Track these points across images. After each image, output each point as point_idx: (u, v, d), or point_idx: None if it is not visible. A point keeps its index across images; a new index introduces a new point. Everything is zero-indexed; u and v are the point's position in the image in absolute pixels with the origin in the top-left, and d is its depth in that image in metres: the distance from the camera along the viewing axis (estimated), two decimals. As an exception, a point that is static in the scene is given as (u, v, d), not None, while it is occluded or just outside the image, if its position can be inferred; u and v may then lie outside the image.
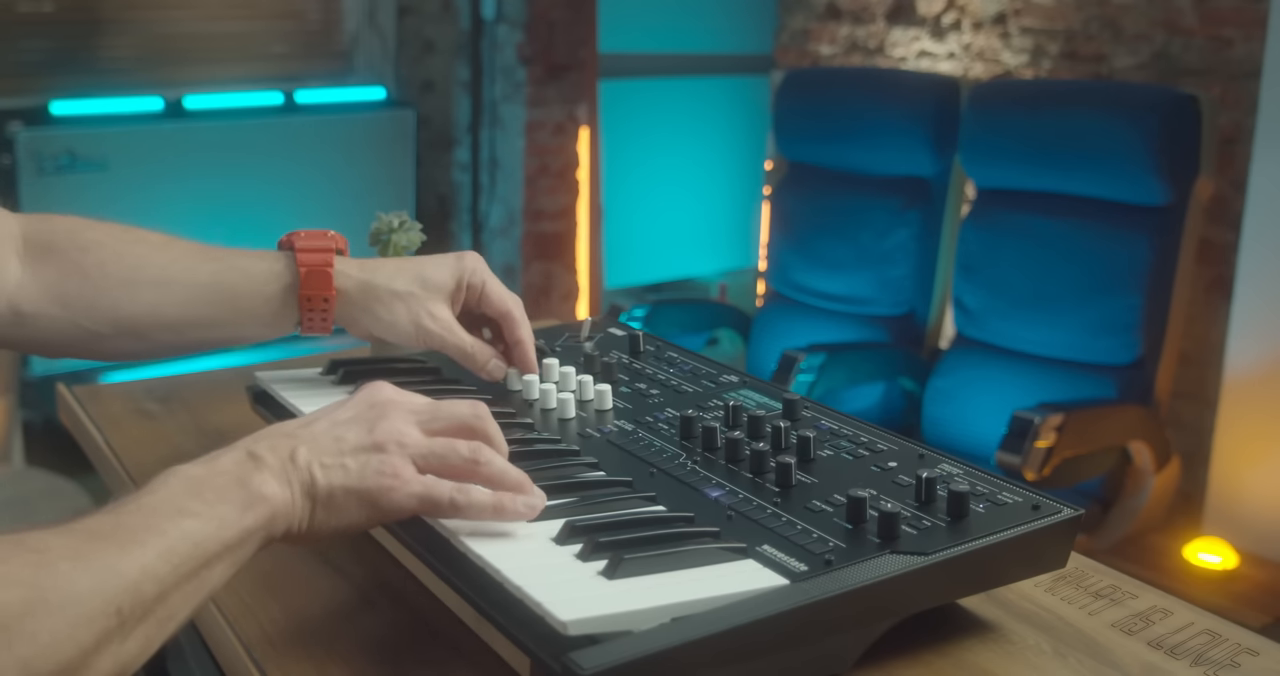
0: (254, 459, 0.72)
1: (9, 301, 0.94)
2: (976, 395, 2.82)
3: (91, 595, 0.60)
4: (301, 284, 0.99)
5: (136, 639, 0.63)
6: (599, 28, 3.75)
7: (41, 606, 0.59)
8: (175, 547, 0.65)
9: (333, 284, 0.99)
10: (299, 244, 1.00)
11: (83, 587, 0.60)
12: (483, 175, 4.32)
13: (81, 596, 0.60)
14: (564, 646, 0.65)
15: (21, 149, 3.42)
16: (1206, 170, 2.63)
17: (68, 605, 0.59)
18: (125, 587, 0.62)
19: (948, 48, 3.54)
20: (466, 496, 0.76)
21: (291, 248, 1.01)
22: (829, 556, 0.73)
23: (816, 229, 3.20)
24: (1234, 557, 2.86)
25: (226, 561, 0.69)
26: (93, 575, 0.61)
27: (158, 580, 0.64)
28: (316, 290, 0.99)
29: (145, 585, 0.63)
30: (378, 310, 1.02)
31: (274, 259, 1.01)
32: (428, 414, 0.79)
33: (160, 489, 0.68)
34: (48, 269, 0.95)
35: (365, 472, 0.74)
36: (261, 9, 4.07)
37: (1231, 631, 0.83)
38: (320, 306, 1.00)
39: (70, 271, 0.96)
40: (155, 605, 0.64)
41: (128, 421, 1.19)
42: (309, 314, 1.00)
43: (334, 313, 1.00)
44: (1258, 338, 2.83)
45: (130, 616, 0.62)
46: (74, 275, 0.96)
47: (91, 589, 0.61)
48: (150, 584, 0.63)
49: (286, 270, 1.00)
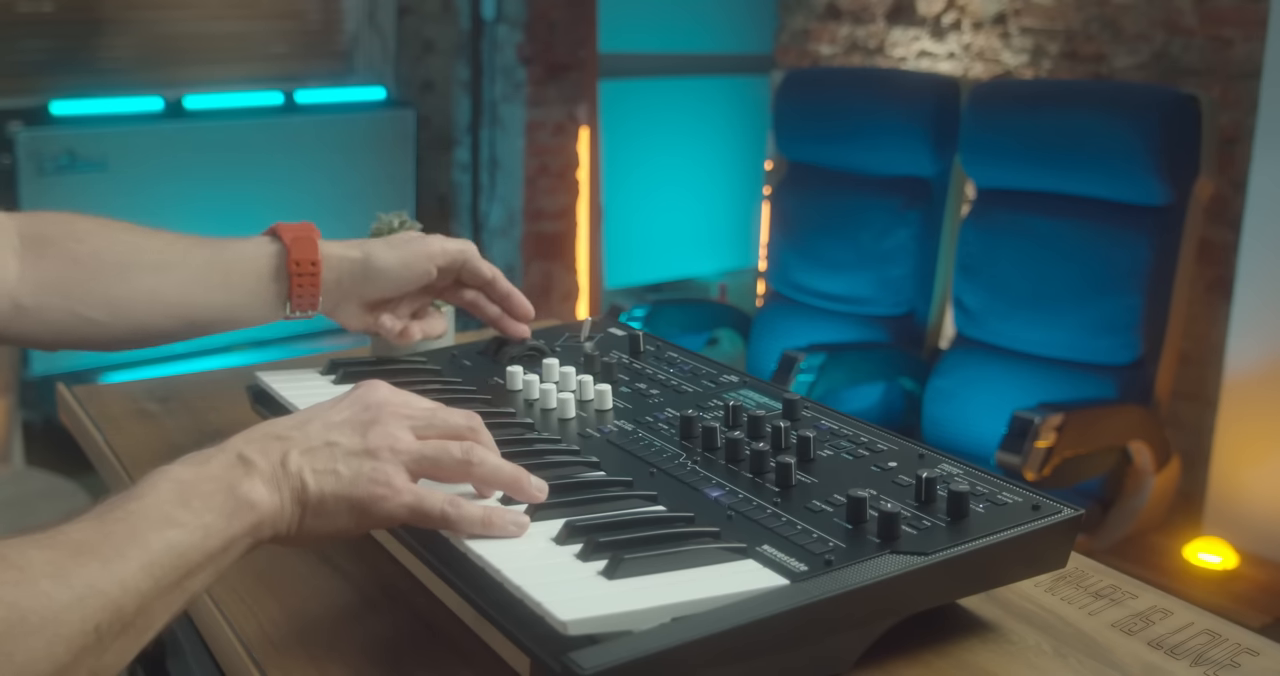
0: (244, 463, 0.71)
1: (9, 296, 0.95)
2: (976, 395, 2.82)
3: (70, 613, 0.60)
4: (289, 250, 1.02)
5: (114, 651, 0.63)
6: (599, 28, 3.75)
7: (20, 627, 0.58)
8: (158, 560, 0.65)
9: (319, 250, 1.02)
10: (282, 226, 1.05)
11: (62, 606, 0.60)
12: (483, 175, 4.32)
13: (60, 616, 0.60)
14: (564, 646, 0.65)
15: (21, 149, 3.42)
16: (1206, 170, 2.63)
17: (46, 625, 0.59)
18: (105, 604, 0.62)
19: (948, 48, 3.54)
20: (457, 509, 0.75)
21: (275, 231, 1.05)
22: (829, 556, 0.73)
23: (816, 229, 3.20)
24: (1234, 557, 2.86)
25: (209, 569, 0.68)
26: (73, 592, 0.60)
27: (139, 594, 0.63)
28: (304, 255, 1.02)
29: (126, 600, 0.63)
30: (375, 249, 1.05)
31: (260, 239, 1.05)
32: (423, 420, 0.79)
33: (148, 494, 0.68)
34: (44, 261, 0.97)
35: (357, 480, 0.74)
36: (261, 9, 4.07)
37: (1231, 631, 0.83)
38: (309, 271, 1.02)
39: (67, 261, 0.97)
40: (135, 617, 0.64)
41: (128, 421, 1.19)
42: (298, 281, 1.02)
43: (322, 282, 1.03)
44: (1258, 338, 2.83)
45: (109, 632, 0.62)
46: (70, 265, 0.97)
47: (70, 606, 0.60)
48: (131, 598, 0.63)
49: (273, 243, 1.03)
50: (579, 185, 4.31)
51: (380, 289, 1.06)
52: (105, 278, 0.98)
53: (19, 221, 0.98)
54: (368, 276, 1.05)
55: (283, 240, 1.03)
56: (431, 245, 1.06)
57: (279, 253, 1.02)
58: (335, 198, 3.90)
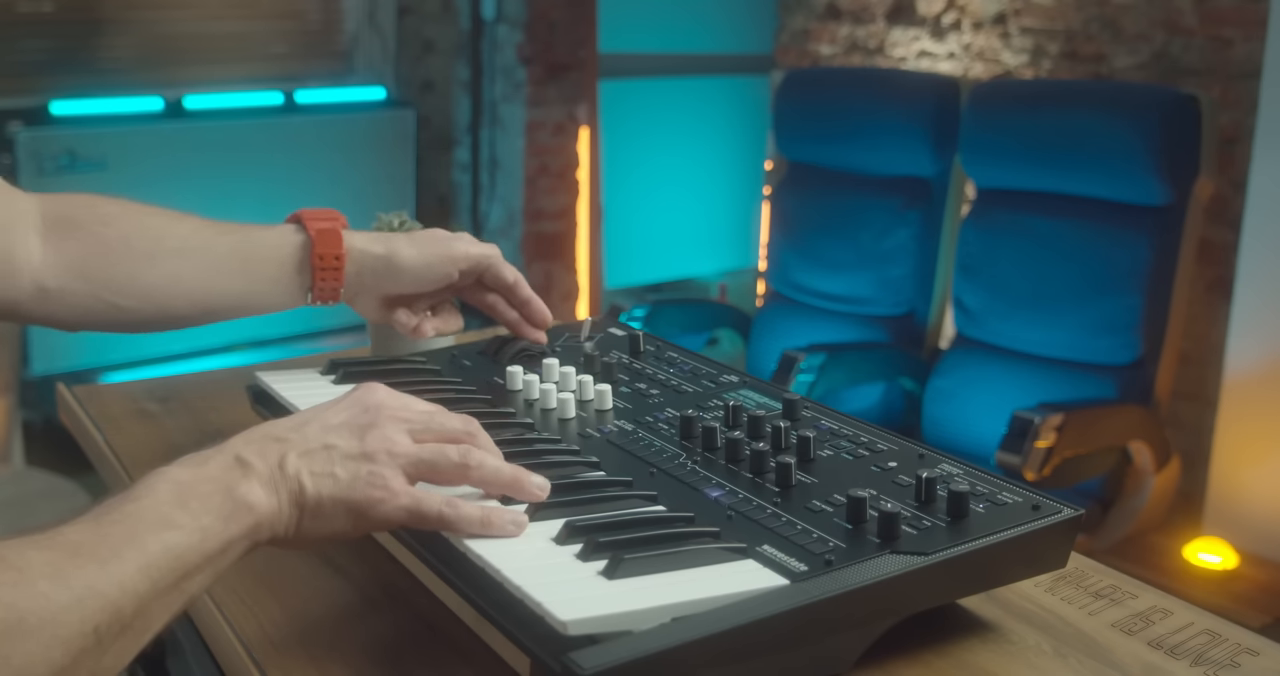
0: (242, 465, 0.71)
1: (33, 278, 0.96)
2: (976, 395, 2.82)
3: (69, 615, 0.60)
4: (314, 243, 1.02)
5: (113, 653, 0.63)
6: (599, 28, 3.75)
7: (18, 628, 0.58)
8: (156, 562, 0.65)
9: (343, 243, 1.03)
10: (306, 214, 1.05)
11: (60, 608, 0.60)
12: (483, 175, 4.32)
13: (59, 617, 0.60)
14: (564, 646, 0.65)
15: (21, 149, 3.43)
16: (1206, 170, 2.63)
17: (45, 627, 0.59)
18: (104, 606, 0.62)
19: (948, 48, 3.54)
20: (455, 510, 0.75)
21: (299, 220, 1.05)
22: (829, 556, 0.73)
23: (816, 229, 3.20)
24: (1234, 557, 2.86)
25: (207, 571, 0.68)
26: (71, 593, 0.60)
27: (137, 596, 0.63)
28: (329, 248, 1.02)
29: (124, 602, 0.63)
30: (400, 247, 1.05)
31: (285, 228, 1.05)
32: (420, 423, 0.79)
33: (146, 495, 0.67)
34: (70, 244, 0.97)
35: (355, 483, 0.74)
36: (261, 9, 4.07)
37: (1231, 631, 0.83)
38: (332, 265, 1.02)
39: (93, 245, 0.98)
40: (134, 619, 0.63)
41: (128, 421, 1.19)
42: (321, 275, 1.02)
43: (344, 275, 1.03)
44: (1258, 338, 2.83)
45: (107, 634, 0.62)
46: (97, 249, 0.98)
47: (69, 608, 0.60)
48: (129, 600, 0.63)
49: (298, 234, 1.04)
50: (579, 185, 4.31)
51: (400, 286, 1.06)
52: (130, 263, 0.98)
53: (44, 203, 0.99)
54: (389, 273, 1.05)
55: (308, 231, 1.03)
56: (456, 248, 1.06)
57: (304, 244, 1.03)
58: (335, 198, 3.89)
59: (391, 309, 1.08)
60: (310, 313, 1.11)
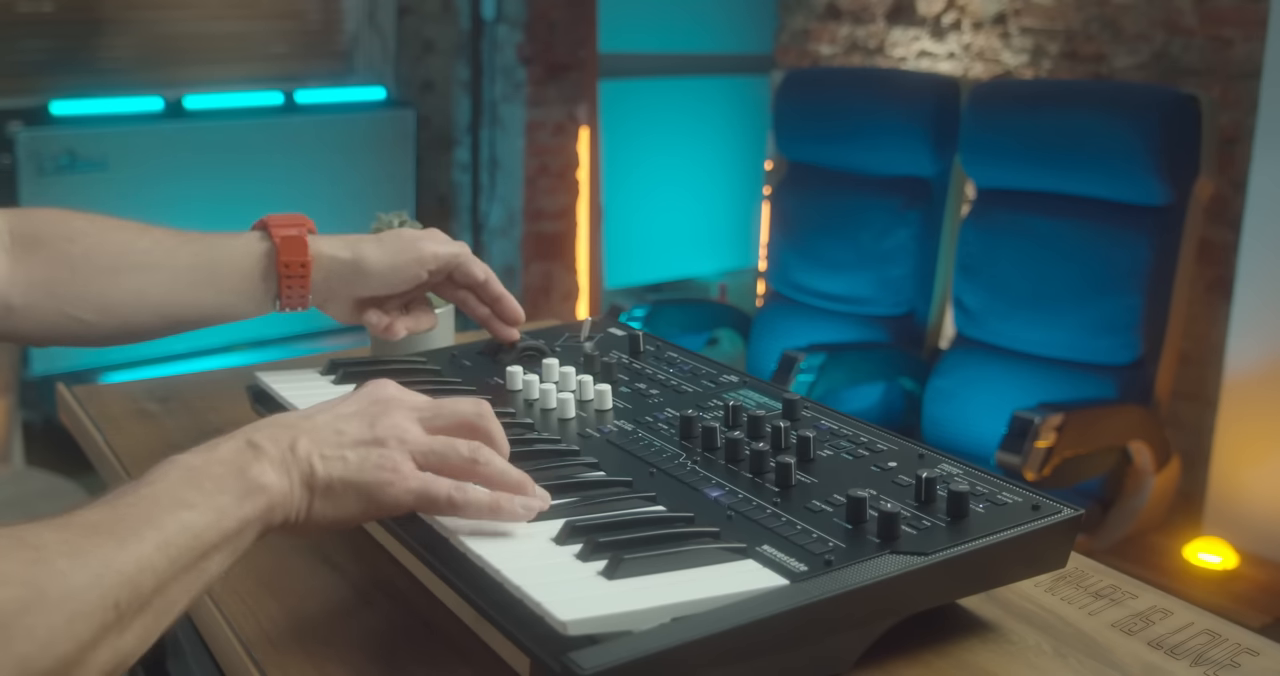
0: (253, 448, 0.72)
1: None
2: (976, 395, 2.82)
3: (89, 590, 0.60)
4: (279, 250, 1.02)
5: (135, 631, 0.63)
6: (599, 28, 3.75)
7: (39, 603, 0.59)
8: (173, 540, 0.65)
9: (308, 250, 1.02)
10: (271, 220, 1.04)
11: (80, 583, 0.60)
12: (483, 175, 4.32)
13: (79, 592, 0.60)
14: (564, 646, 0.65)
15: (21, 149, 3.43)
16: (1206, 170, 2.63)
17: (65, 601, 0.59)
18: (123, 582, 0.62)
19: (948, 48, 3.54)
20: (464, 494, 0.76)
21: (265, 226, 1.04)
22: (829, 556, 0.73)
23: (816, 229, 3.20)
24: (1234, 557, 2.86)
25: (225, 551, 0.69)
26: (90, 570, 0.61)
27: (155, 573, 0.64)
28: (294, 256, 1.02)
29: (143, 578, 0.63)
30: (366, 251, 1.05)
31: (250, 236, 1.05)
32: (430, 411, 0.80)
33: (159, 480, 0.68)
34: (35, 261, 0.97)
35: (365, 466, 0.74)
36: (261, 9, 4.07)
37: (1231, 631, 0.83)
38: (298, 272, 1.02)
39: (58, 262, 0.98)
40: (153, 597, 0.64)
41: (128, 421, 1.19)
42: (287, 282, 1.02)
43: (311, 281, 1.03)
44: (1258, 338, 2.83)
45: (128, 610, 0.62)
46: (61, 266, 0.98)
47: (89, 584, 0.61)
48: (148, 577, 0.63)
49: (263, 241, 1.03)
50: (579, 185, 4.31)
51: (369, 289, 1.06)
52: (94, 279, 0.98)
53: (11, 219, 0.99)
54: (357, 277, 1.05)
55: (273, 239, 1.03)
56: (424, 249, 1.06)
57: (268, 252, 1.03)
58: (335, 198, 3.90)
59: (362, 310, 1.08)
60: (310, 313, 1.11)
